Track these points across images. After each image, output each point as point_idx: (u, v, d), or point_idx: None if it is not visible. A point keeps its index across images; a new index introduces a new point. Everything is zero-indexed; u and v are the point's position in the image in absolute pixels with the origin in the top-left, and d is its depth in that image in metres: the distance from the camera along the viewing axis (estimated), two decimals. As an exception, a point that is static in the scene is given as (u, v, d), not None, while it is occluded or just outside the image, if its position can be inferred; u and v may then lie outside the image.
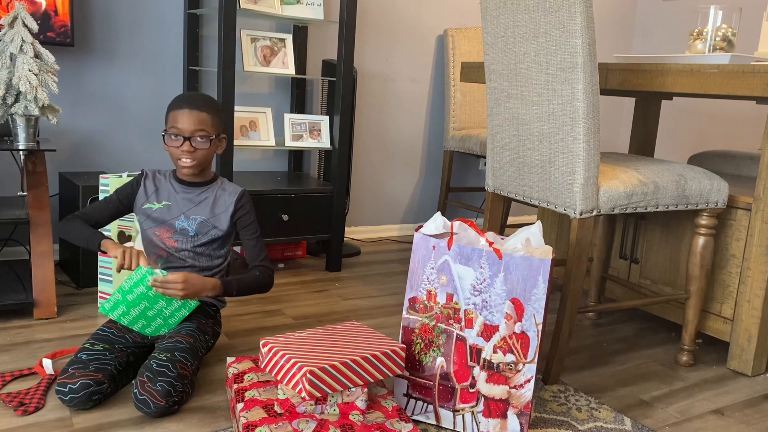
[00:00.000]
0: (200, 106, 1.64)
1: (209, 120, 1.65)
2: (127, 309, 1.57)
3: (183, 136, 1.62)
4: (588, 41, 1.58)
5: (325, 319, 2.17)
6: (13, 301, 1.94)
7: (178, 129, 1.62)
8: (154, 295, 1.56)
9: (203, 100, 1.66)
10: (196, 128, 1.63)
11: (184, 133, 1.62)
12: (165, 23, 2.62)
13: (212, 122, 1.66)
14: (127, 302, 1.56)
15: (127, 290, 1.54)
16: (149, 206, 1.72)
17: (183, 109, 1.62)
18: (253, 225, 1.75)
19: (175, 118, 1.63)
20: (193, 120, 1.62)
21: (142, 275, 1.53)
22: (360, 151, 3.23)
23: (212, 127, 1.66)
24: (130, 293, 1.55)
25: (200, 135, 1.63)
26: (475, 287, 1.46)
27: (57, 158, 2.48)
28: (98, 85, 2.53)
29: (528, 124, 1.80)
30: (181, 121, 1.62)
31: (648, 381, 1.87)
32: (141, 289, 1.54)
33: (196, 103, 1.63)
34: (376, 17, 3.14)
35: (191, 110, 1.62)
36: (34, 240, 1.97)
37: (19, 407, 1.46)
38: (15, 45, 1.87)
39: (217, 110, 1.69)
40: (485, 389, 1.47)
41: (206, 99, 1.68)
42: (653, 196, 1.77)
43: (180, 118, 1.62)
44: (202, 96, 1.68)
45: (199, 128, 1.63)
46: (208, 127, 1.65)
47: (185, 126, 1.62)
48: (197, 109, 1.63)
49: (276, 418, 1.35)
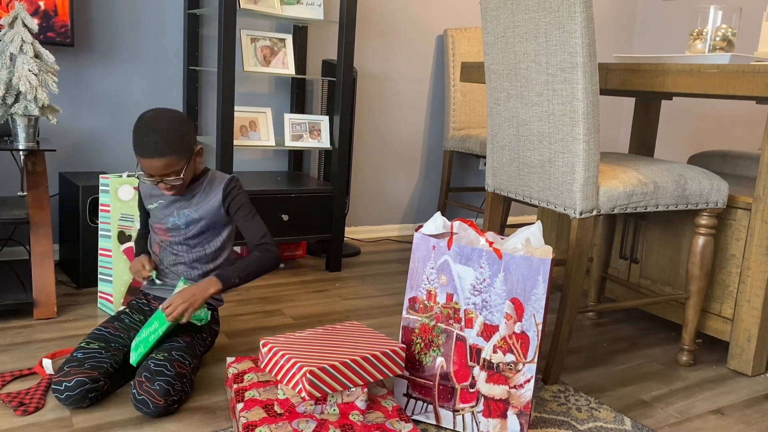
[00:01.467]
0: (162, 150, 1.55)
1: (176, 159, 1.58)
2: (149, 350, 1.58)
3: (155, 180, 1.62)
4: (588, 41, 1.58)
5: (325, 319, 2.17)
6: (13, 301, 1.94)
7: (147, 173, 1.61)
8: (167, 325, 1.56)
9: (163, 141, 1.55)
10: (164, 172, 1.59)
11: (155, 179, 1.61)
12: (165, 23, 2.62)
13: (179, 157, 1.59)
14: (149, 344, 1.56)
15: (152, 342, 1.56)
16: (150, 206, 1.76)
17: (146, 157, 1.57)
18: (245, 206, 1.71)
19: (142, 164, 1.59)
20: (160, 166, 1.57)
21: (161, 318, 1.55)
22: (360, 151, 3.23)
23: (181, 161, 1.60)
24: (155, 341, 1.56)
25: (171, 176, 1.61)
26: (475, 287, 1.46)
27: (57, 158, 2.48)
28: (98, 85, 2.53)
29: (528, 124, 1.80)
30: (148, 168, 1.59)
31: (648, 381, 1.87)
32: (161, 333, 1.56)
33: (157, 149, 1.55)
34: (376, 17, 3.14)
35: (153, 158, 1.56)
36: (34, 240, 1.97)
37: (19, 407, 1.46)
38: (15, 45, 1.87)
39: (179, 141, 1.58)
40: (485, 389, 1.47)
41: (165, 135, 1.55)
42: (653, 196, 1.77)
43: (146, 165, 1.58)
44: (161, 132, 1.55)
45: (166, 172, 1.59)
46: (176, 164, 1.59)
47: (154, 172, 1.59)
48: (159, 155, 1.55)
49: (276, 418, 1.35)
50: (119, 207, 2.08)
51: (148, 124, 1.56)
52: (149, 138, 1.55)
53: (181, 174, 1.61)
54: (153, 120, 1.57)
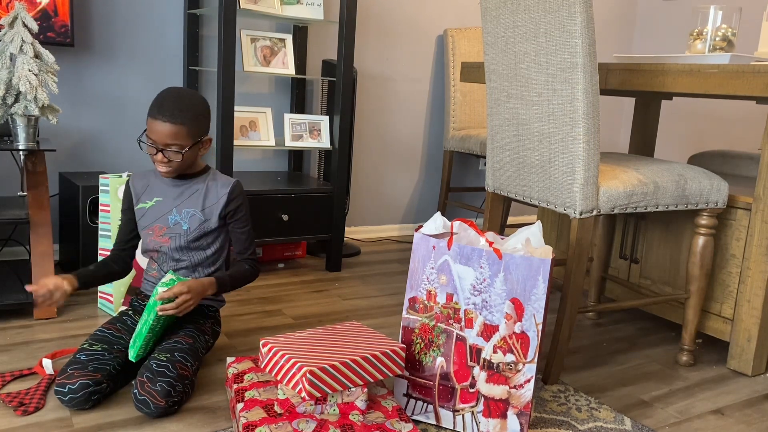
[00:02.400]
0: (177, 117, 1.54)
1: (185, 131, 1.57)
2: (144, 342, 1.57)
3: (156, 147, 1.58)
4: (588, 41, 1.58)
5: (325, 319, 2.17)
6: (13, 301, 1.94)
7: (152, 139, 1.58)
8: (159, 318, 1.56)
9: (182, 109, 1.55)
10: (170, 141, 1.57)
11: (157, 145, 1.58)
12: (165, 23, 2.62)
13: (189, 132, 1.58)
14: (142, 336, 1.56)
15: (144, 332, 1.55)
16: (142, 206, 1.71)
17: (158, 119, 1.55)
18: (244, 218, 1.72)
19: (151, 126, 1.56)
20: (168, 132, 1.56)
21: (149, 307, 1.54)
22: (360, 151, 3.23)
23: (189, 138, 1.59)
24: (146, 331, 1.55)
25: (174, 148, 1.58)
26: (475, 287, 1.46)
27: (57, 158, 2.49)
28: (98, 85, 2.53)
29: (528, 124, 1.80)
30: (155, 132, 1.56)
31: (648, 381, 1.87)
32: (151, 321, 1.55)
33: (172, 114, 1.54)
34: (376, 17, 3.14)
35: (166, 122, 1.54)
36: (34, 240, 1.97)
37: (19, 407, 1.46)
38: (15, 45, 1.87)
39: (196, 117, 1.59)
40: (485, 389, 1.47)
41: (186, 106, 1.57)
42: (653, 196, 1.77)
43: (155, 128, 1.56)
44: (183, 101, 1.57)
45: (172, 141, 1.57)
46: (184, 138, 1.58)
47: (159, 138, 1.56)
48: (173, 121, 1.54)
49: (276, 418, 1.35)
50: (119, 207, 2.08)
51: (173, 91, 1.59)
52: (169, 102, 1.56)
53: (183, 151, 1.59)
54: (179, 90, 1.60)
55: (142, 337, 1.54)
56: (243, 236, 1.73)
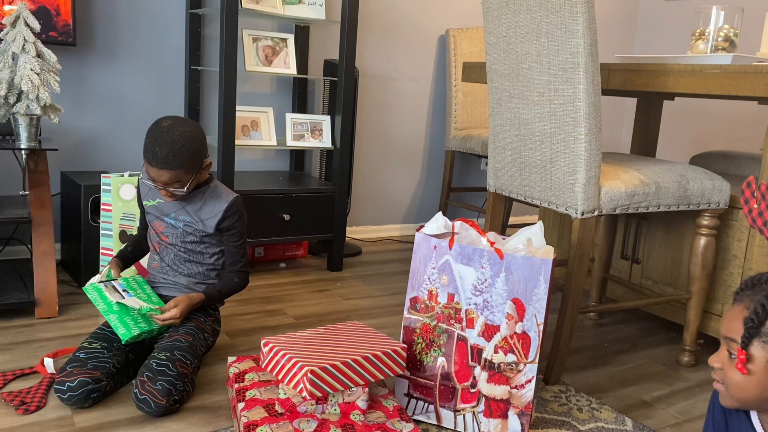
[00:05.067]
0: (172, 163, 1.56)
1: (183, 172, 1.60)
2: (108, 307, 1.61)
3: (158, 186, 1.63)
4: (590, 41, 1.58)
5: (326, 319, 2.17)
6: (15, 300, 1.94)
7: (153, 179, 1.61)
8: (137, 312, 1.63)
9: (175, 153, 1.56)
10: (170, 182, 1.61)
11: (158, 185, 1.62)
12: (167, 23, 2.62)
13: (188, 171, 1.61)
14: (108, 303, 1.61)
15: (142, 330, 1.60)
16: (146, 203, 1.77)
17: (154, 166, 1.57)
18: (238, 233, 1.75)
19: (149, 170, 1.60)
20: (166, 178, 1.59)
21: (139, 309, 1.62)
22: (361, 150, 3.23)
23: (188, 174, 1.62)
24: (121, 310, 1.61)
25: (175, 186, 1.62)
26: (476, 287, 1.46)
27: (59, 157, 2.49)
28: (100, 85, 2.53)
29: (529, 124, 1.80)
30: (154, 175, 1.60)
31: (649, 381, 1.86)
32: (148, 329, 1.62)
33: (167, 161, 1.56)
34: (377, 17, 3.14)
35: (162, 169, 1.57)
36: (36, 239, 1.97)
37: (20, 406, 1.46)
38: (17, 44, 1.87)
39: (192, 157, 1.60)
40: (486, 389, 1.47)
41: (180, 148, 1.56)
42: (655, 197, 1.76)
43: (152, 173, 1.59)
44: (176, 144, 1.56)
45: (172, 182, 1.61)
46: (183, 177, 1.61)
47: (158, 180, 1.60)
48: (168, 168, 1.57)
49: (277, 418, 1.35)
50: (121, 206, 2.08)
51: (164, 134, 1.56)
52: (162, 149, 1.55)
53: (185, 187, 1.63)
54: (169, 131, 1.57)
55: (140, 332, 1.58)
56: (235, 250, 1.76)
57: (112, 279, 1.70)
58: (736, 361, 1.03)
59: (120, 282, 1.69)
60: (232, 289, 1.77)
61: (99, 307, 1.60)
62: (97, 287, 1.63)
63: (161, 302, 1.69)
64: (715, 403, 1.16)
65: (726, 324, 1.06)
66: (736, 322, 1.04)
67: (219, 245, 1.77)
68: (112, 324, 1.56)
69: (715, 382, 1.10)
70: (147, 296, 1.69)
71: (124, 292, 1.66)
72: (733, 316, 1.05)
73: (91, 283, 1.65)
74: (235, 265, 1.77)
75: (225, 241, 1.76)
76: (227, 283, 1.76)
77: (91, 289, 1.63)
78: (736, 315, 1.04)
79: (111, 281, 1.68)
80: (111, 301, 1.60)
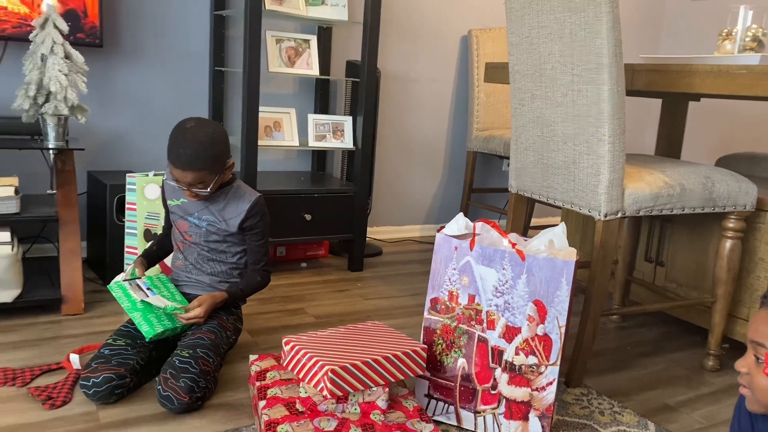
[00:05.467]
0: (195, 164, 1.58)
1: (207, 173, 1.62)
2: (133, 305, 1.63)
3: (182, 187, 1.65)
4: (614, 42, 1.57)
5: (346, 319, 2.18)
6: (42, 297, 1.98)
7: (177, 180, 1.64)
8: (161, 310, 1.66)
9: (199, 155, 1.58)
10: (194, 182, 1.63)
11: (182, 185, 1.64)
12: (191, 24, 2.65)
13: (211, 172, 1.63)
14: (132, 301, 1.64)
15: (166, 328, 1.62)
16: (170, 203, 1.80)
17: (178, 168, 1.60)
18: (260, 232, 1.77)
19: (173, 171, 1.62)
20: (190, 179, 1.61)
21: (164, 308, 1.65)
22: (383, 151, 3.23)
23: (212, 175, 1.64)
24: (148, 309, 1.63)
25: (199, 186, 1.64)
26: (497, 288, 1.46)
27: (85, 157, 2.53)
28: (126, 86, 2.57)
29: (552, 125, 1.79)
30: (178, 176, 1.62)
31: (673, 385, 1.84)
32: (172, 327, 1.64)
33: (191, 163, 1.58)
34: (400, 18, 3.14)
35: (186, 171, 1.60)
36: (63, 237, 2.00)
37: (47, 401, 1.49)
38: (46, 46, 1.91)
39: (215, 158, 1.62)
40: (507, 391, 1.46)
41: (203, 150, 1.58)
42: (679, 199, 1.74)
43: (177, 174, 1.62)
44: (200, 146, 1.58)
45: (196, 182, 1.63)
46: (207, 177, 1.63)
47: (182, 181, 1.63)
48: (192, 169, 1.59)
49: (298, 416, 1.36)
50: (145, 205, 2.11)
51: (187, 135, 1.58)
52: (186, 151, 1.57)
53: (208, 187, 1.65)
54: (193, 132, 1.58)
55: (163, 329, 1.60)
56: (257, 249, 1.78)
57: (136, 277, 1.72)
58: (763, 365, 1.01)
59: (144, 280, 1.71)
60: (254, 288, 1.79)
61: (123, 305, 1.62)
62: (121, 285, 1.66)
63: (185, 301, 1.71)
64: (741, 408, 1.14)
65: (753, 328, 1.05)
66: (763, 326, 1.02)
67: (242, 244, 1.79)
68: (136, 322, 1.59)
69: (741, 387, 1.09)
70: (171, 294, 1.71)
71: (148, 291, 1.68)
72: (761, 320, 1.03)
73: (116, 281, 1.67)
74: (257, 264, 1.79)
75: (247, 240, 1.78)
76: (249, 282, 1.78)
77: (116, 288, 1.65)
78: (763, 319, 1.03)
79: (135, 279, 1.71)
80: (135, 299, 1.62)
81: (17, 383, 1.56)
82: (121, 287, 1.65)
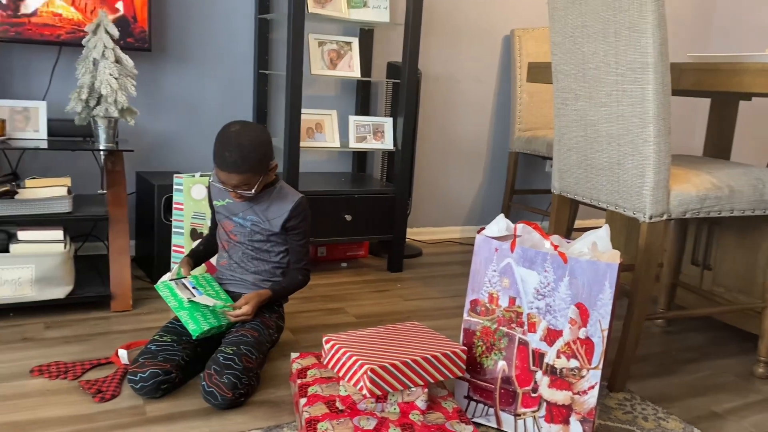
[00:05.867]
0: (241, 166, 1.62)
1: (251, 175, 1.66)
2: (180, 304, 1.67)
3: (227, 188, 1.69)
4: (659, 40, 1.54)
5: (386, 319, 2.18)
6: (93, 294, 2.05)
7: (223, 182, 1.68)
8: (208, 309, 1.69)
9: (244, 157, 1.62)
10: (239, 184, 1.67)
11: (228, 187, 1.68)
12: (236, 28, 2.70)
13: (256, 173, 1.67)
14: (179, 300, 1.67)
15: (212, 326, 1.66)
16: (216, 203, 1.84)
17: (224, 170, 1.64)
18: (302, 232, 1.80)
19: (219, 173, 1.67)
20: (236, 181, 1.66)
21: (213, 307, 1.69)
22: (423, 152, 3.23)
23: (256, 177, 1.68)
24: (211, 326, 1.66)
25: (244, 188, 1.68)
26: (538, 291, 1.44)
27: (134, 158, 2.60)
28: (173, 88, 2.64)
29: (596, 126, 1.77)
30: (224, 178, 1.66)
31: (720, 392, 1.79)
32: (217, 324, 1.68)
33: (236, 165, 1.62)
34: (441, 19, 3.13)
35: (231, 173, 1.64)
36: (112, 236, 2.07)
37: (96, 394, 1.54)
38: (98, 51, 1.97)
39: (259, 160, 1.66)
40: (548, 394, 1.45)
41: (248, 152, 1.62)
42: (728, 201, 1.70)
43: (223, 176, 1.66)
44: (244, 148, 1.62)
45: (241, 184, 1.67)
46: (251, 179, 1.67)
47: (228, 183, 1.67)
48: (238, 171, 1.63)
49: (338, 414, 1.37)
50: (192, 205, 2.16)
51: (232, 139, 1.62)
52: (231, 154, 1.62)
53: (253, 188, 1.69)
54: (237, 136, 1.63)
55: (209, 327, 1.64)
56: (298, 248, 1.82)
57: (182, 277, 1.76)
58: None
59: (190, 280, 1.75)
60: (296, 286, 1.83)
61: (170, 304, 1.66)
62: (168, 285, 1.70)
63: (229, 299, 1.75)
64: None
65: None
66: None
67: (284, 244, 1.82)
68: (183, 320, 1.63)
69: None
70: (215, 293, 1.75)
71: (194, 290, 1.72)
72: None
73: (163, 281, 1.72)
74: (298, 263, 1.82)
75: (289, 240, 1.81)
76: (291, 281, 1.81)
77: (163, 287, 1.70)
78: None
79: (181, 279, 1.75)
80: (182, 299, 1.66)
81: (69, 376, 1.62)
82: (167, 287, 1.70)
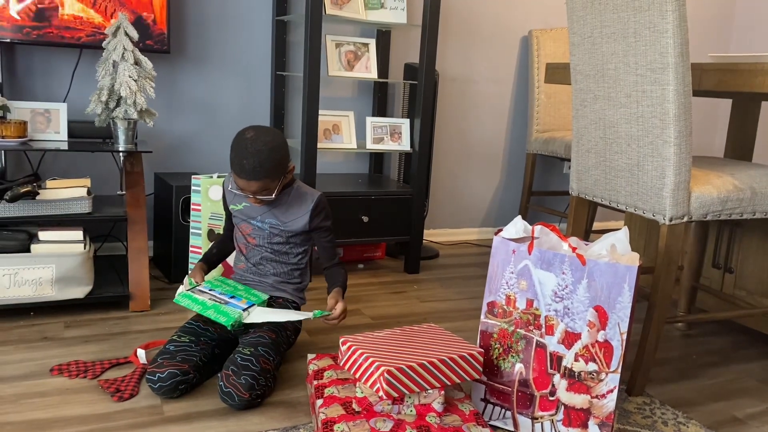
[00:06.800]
0: (259, 174, 1.62)
1: (269, 181, 1.65)
2: (203, 306, 1.67)
3: (247, 195, 1.69)
4: (680, 41, 1.52)
5: (403, 320, 2.18)
6: (112, 294, 2.07)
7: (242, 189, 1.67)
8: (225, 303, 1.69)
9: (261, 164, 1.61)
10: (258, 191, 1.66)
11: (247, 193, 1.68)
12: (253, 30, 2.72)
13: (273, 179, 1.66)
14: (202, 303, 1.67)
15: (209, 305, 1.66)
16: (233, 207, 1.83)
17: (242, 178, 1.64)
18: (328, 229, 1.81)
19: (237, 180, 1.66)
20: (255, 187, 1.65)
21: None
22: (440, 153, 3.22)
23: (274, 182, 1.67)
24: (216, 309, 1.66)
25: (263, 194, 1.68)
26: (556, 293, 1.43)
27: (152, 159, 2.62)
28: (191, 90, 2.65)
29: (615, 127, 1.75)
30: (243, 185, 1.66)
31: (742, 397, 1.77)
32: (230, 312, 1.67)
33: (254, 172, 1.61)
34: (459, 20, 3.13)
35: (250, 180, 1.63)
36: (131, 236, 2.08)
37: (115, 393, 1.55)
38: (117, 53, 1.99)
39: (276, 166, 1.65)
40: (565, 398, 1.43)
41: (265, 159, 1.61)
42: (750, 203, 1.67)
43: (241, 183, 1.66)
44: (262, 155, 1.61)
45: (261, 190, 1.66)
46: (270, 185, 1.66)
47: (248, 189, 1.66)
48: (256, 178, 1.63)
49: (354, 416, 1.37)
50: (209, 206, 2.17)
51: (248, 146, 1.61)
52: (248, 161, 1.61)
53: (273, 193, 1.68)
54: (254, 143, 1.61)
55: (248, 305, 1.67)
56: (328, 245, 1.83)
57: (195, 286, 1.76)
58: None
59: (204, 285, 1.76)
60: (346, 280, 1.84)
61: (195, 310, 1.66)
62: (186, 295, 1.70)
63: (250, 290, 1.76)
64: None
65: None
66: None
67: (303, 245, 1.82)
68: (213, 317, 1.63)
69: None
70: (233, 288, 1.75)
71: (211, 291, 1.72)
72: None
73: (180, 293, 1.72)
74: (333, 259, 1.83)
75: (317, 239, 1.81)
76: (343, 276, 1.82)
77: (182, 298, 1.69)
78: None
79: (197, 287, 1.75)
80: (204, 301, 1.67)
81: (88, 375, 1.64)
82: (186, 296, 1.70)
